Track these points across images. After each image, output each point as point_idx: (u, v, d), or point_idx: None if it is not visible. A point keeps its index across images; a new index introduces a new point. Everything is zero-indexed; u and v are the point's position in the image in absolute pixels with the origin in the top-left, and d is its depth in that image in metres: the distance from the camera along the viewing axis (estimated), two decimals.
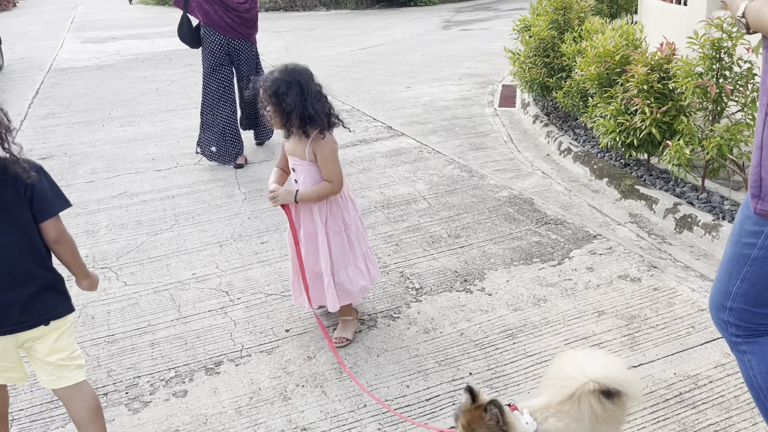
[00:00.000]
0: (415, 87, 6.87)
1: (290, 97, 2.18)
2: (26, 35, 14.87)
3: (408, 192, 3.94)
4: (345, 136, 5.23)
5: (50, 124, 6.22)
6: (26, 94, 7.80)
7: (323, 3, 17.25)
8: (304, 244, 2.36)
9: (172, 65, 9.41)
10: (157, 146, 5.30)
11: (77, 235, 3.63)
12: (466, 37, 10.32)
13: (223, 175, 4.50)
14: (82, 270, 1.82)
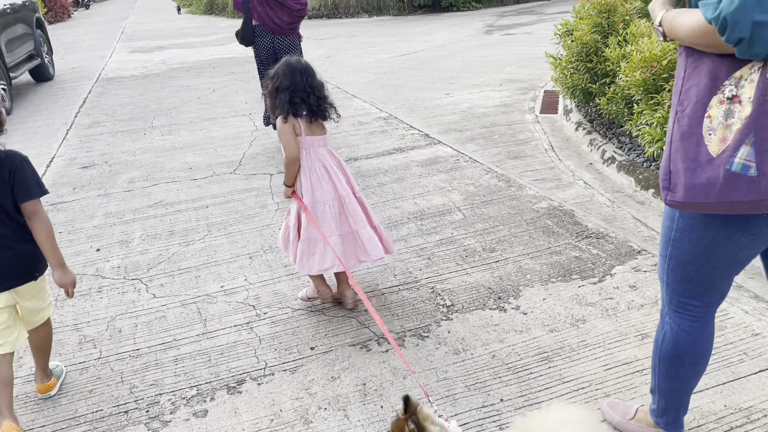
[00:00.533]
0: (454, 93, 6.75)
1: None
2: (78, 45, 15.39)
3: (442, 203, 3.82)
4: (380, 145, 5.16)
5: (94, 133, 6.35)
6: (74, 103, 8.02)
7: (365, 10, 17.28)
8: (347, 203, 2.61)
9: (215, 74, 9.54)
10: (195, 155, 5.34)
11: (112, 244, 3.66)
12: (509, 41, 10.12)
13: (257, 184, 4.48)
14: (56, 256, 2.13)
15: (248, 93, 7.79)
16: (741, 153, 1.25)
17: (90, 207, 4.30)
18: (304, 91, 2.52)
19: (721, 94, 1.28)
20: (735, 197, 1.28)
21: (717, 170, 1.28)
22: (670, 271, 1.58)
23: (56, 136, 6.40)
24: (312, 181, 2.59)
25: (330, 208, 2.59)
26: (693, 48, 1.35)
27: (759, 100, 1.22)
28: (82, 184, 4.80)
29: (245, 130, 5.99)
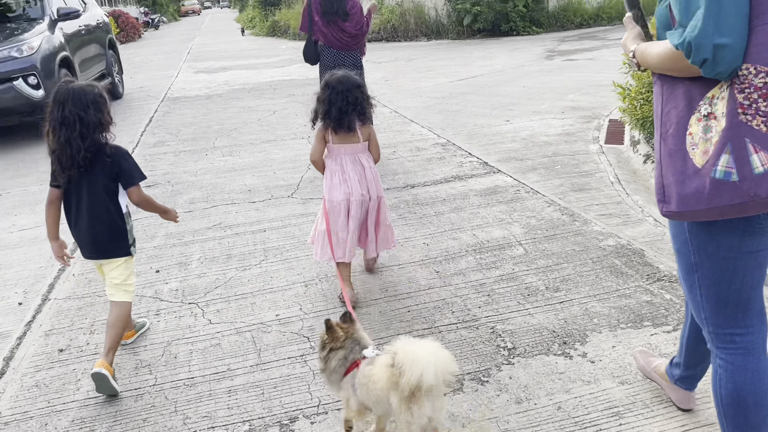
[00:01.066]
0: (514, 120, 6.62)
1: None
2: (147, 65, 16.03)
3: (503, 236, 3.70)
4: (437, 172, 5.08)
5: (158, 152, 6.53)
6: (141, 122, 8.30)
7: (424, 33, 17.37)
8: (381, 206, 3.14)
9: (276, 95, 9.71)
10: (255, 177, 5.39)
11: (171, 266, 3.70)
12: (571, 67, 9.93)
13: (314, 209, 4.47)
14: (160, 210, 2.81)
15: (307, 116, 7.85)
16: (722, 161, 1.36)
17: (151, 227, 4.38)
18: (338, 109, 2.86)
19: (698, 113, 1.43)
20: (723, 202, 1.38)
21: (703, 179, 1.39)
22: (704, 302, 1.61)
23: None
24: (333, 183, 3.01)
25: (343, 207, 2.99)
26: (666, 75, 1.51)
27: (731, 113, 1.35)
28: None
29: (304, 153, 6.03)
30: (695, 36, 1.32)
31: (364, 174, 3.01)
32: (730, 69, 1.34)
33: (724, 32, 1.30)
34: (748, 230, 1.49)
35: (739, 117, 1.34)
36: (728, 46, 1.30)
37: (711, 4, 1.29)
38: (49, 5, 8.28)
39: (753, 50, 1.33)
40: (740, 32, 1.31)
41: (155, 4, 41.12)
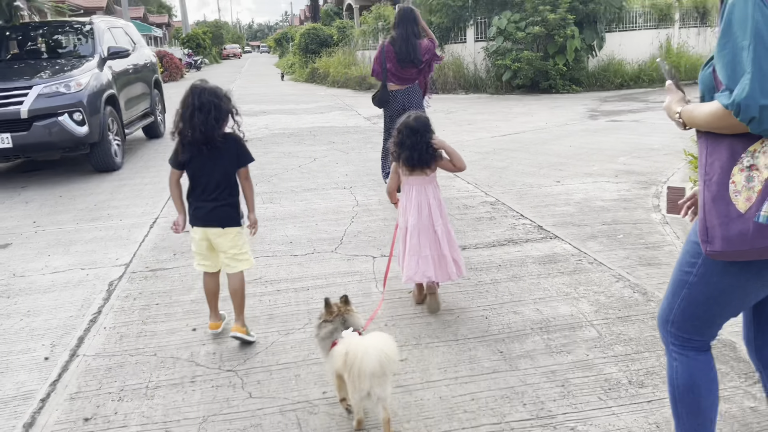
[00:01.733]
0: (565, 181, 6.35)
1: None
2: None
3: (570, 313, 3.38)
4: (489, 234, 4.80)
5: None
6: None
7: (462, 86, 17.38)
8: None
9: (316, 142, 9.62)
10: (296, 228, 5.17)
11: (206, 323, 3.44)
12: (617, 128, 9.68)
13: (359, 267, 4.21)
14: (253, 205, 3.16)
15: (348, 165, 7.71)
16: (765, 207, 1.53)
17: (189, 277, 4.16)
18: (410, 149, 3.29)
19: (740, 164, 1.58)
20: (765, 243, 1.54)
21: (747, 223, 1.55)
22: (679, 311, 1.83)
23: (161, 195, 6.47)
24: (405, 207, 3.44)
25: (410, 231, 3.40)
26: (711, 133, 1.66)
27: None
28: (182, 250, 4.71)
29: (346, 205, 5.82)
30: (744, 97, 1.47)
31: (428, 202, 3.39)
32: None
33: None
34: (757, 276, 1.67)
35: None
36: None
37: (756, 70, 1.46)
38: (100, 43, 8.38)
39: None
40: None
41: (199, 46, 42.38)
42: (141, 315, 3.61)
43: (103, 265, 4.51)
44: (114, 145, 7.88)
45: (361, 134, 10.30)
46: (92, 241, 5.08)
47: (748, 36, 1.49)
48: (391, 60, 5.76)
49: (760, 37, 1.47)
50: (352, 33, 23.08)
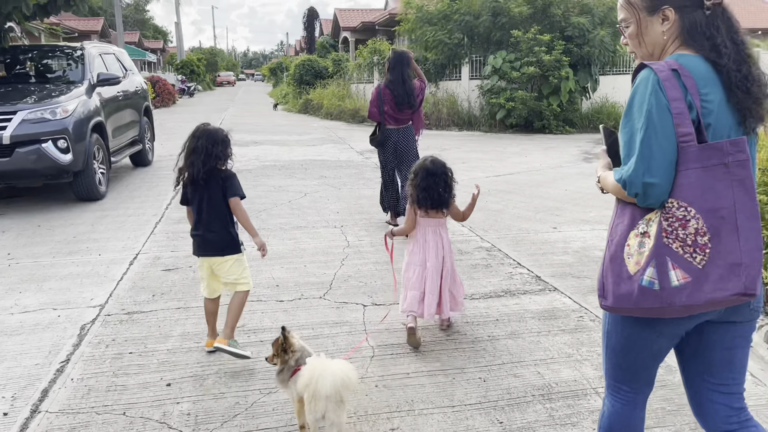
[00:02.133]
0: (562, 228, 6.19)
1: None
2: (179, 132, 16.06)
3: (573, 378, 3.16)
4: (485, 283, 4.61)
5: (182, 230, 6.15)
6: (167, 193, 8.00)
7: (456, 123, 17.39)
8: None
9: (307, 176, 9.44)
10: (283, 269, 4.95)
11: (184, 378, 3.19)
12: None
13: (349, 317, 3.99)
14: (252, 232, 3.33)
15: (340, 201, 7.53)
16: (648, 272, 1.64)
17: (167, 323, 3.91)
18: (429, 191, 3.45)
19: (636, 230, 1.69)
20: (646, 305, 1.66)
21: (633, 284, 1.67)
22: (607, 359, 1.94)
23: (144, 228, 6.23)
24: (413, 248, 3.60)
25: (419, 269, 3.55)
26: (619, 198, 1.79)
27: (658, 235, 1.63)
28: (162, 291, 4.46)
29: (337, 246, 5.61)
30: (629, 175, 1.63)
31: (441, 244, 3.57)
32: (658, 202, 1.63)
33: (654, 174, 1.60)
34: (651, 328, 1.78)
35: (663, 239, 1.63)
36: (656, 185, 1.61)
37: (643, 151, 1.61)
38: (90, 70, 8.21)
39: (677, 189, 1.62)
40: (666, 174, 1.61)
41: (193, 73, 42.49)
42: (112, 365, 3.35)
43: (76, 305, 4.25)
44: (98, 174, 7.65)
45: (354, 169, 10.15)
46: (68, 277, 4.81)
47: (643, 119, 1.63)
48: (389, 103, 5.98)
49: (652, 122, 1.61)
50: (347, 66, 23.18)
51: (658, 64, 1.65)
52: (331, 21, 39.59)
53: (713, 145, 1.60)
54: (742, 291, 1.57)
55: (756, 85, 1.67)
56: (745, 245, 1.59)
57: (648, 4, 1.75)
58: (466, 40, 18.06)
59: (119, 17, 25.93)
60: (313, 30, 46.68)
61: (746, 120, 1.67)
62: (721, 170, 1.59)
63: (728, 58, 1.66)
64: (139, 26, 60.23)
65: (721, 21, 1.69)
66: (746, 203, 1.59)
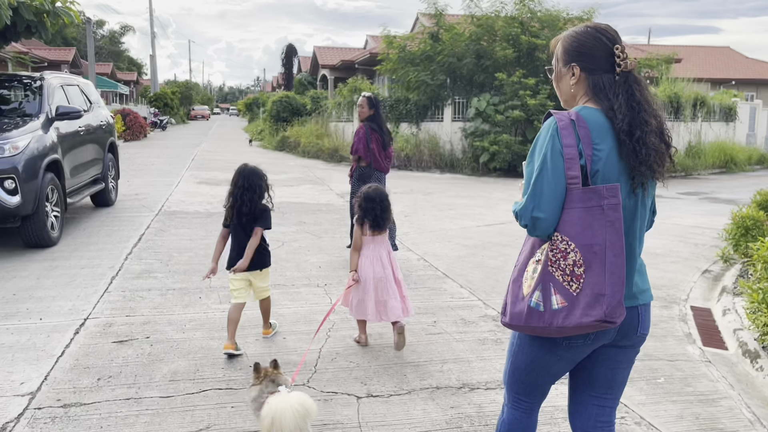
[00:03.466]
0: None
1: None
2: (147, 168, 15.24)
3: None
4: (498, 365, 3.92)
5: (142, 287, 5.35)
6: (128, 239, 7.18)
7: (438, 165, 16.92)
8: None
9: (284, 221, 8.72)
10: (258, 343, 4.19)
11: None
12: None
13: (340, 414, 3.25)
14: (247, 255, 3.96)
15: (321, 253, 6.81)
16: (535, 295, 1.86)
17: (111, 424, 3.10)
18: (374, 213, 4.03)
19: (534, 257, 1.91)
20: (532, 323, 1.87)
21: (524, 305, 1.89)
22: (510, 374, 2.14)
23: (98, 285, 5.41)
24: (364, 263, 4.06)
25: (370, 282, 4.03)
26: None
27: (545, 263, 1.86)
28: (110, 374, 3.66)
29: (320, 310, 4.87)
30: (520, 209, 1.86)
31: (388, 257, 4.13)
32: (545, 234, 1.85)
33: (542, 210, 1.81)
34: (551, 352, 1.97)
35: (549, 268, 1.84)
36: (542, 219, 1.82)
37: (535, 189, 1.82)
38: (48, 102, 7.44)
39: (562, 224, 1.82)
40: (553, 210, 1.82)
41: (166, 106, 41.69)
42: None
43: (1, 392, 3.42)
44: (51, 218, 6.82)
45: (335, 214, 9.47)
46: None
47: (539, 161, 1.82)
48: (375, 143, 6.44)
49: (546, 164, 1.81)
50: (325, 104, 22.69)
51: (561, 114, 1.86)
52: (309, 58, 39.40)
53: (593, 188, 1.80)
54: (602, 318, 1.76)
55: (645, 148, 1.83)
56: (610, 279, 1.76)
57: (564, 58, 1.97)
58: (449, 82, 17.76)
59: (91, 47, 25.21)
60: (291, 66, 46.47)
61: (634, 176, 1.85)
62: (597, 211, 1.78)
63: (621, 121, 1.83)
64: (114, 58, 59.44)
65: (622, 87, 1.87)
66: (615, 242, 1.77)
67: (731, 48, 40.35)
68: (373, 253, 4.07)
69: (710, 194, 13.00)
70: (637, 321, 1.94)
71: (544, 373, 2.02)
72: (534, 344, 1.98)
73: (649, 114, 1.86)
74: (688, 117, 18.90)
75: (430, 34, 17.99)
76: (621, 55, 1.88)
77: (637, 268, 1.94)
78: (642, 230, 1.92)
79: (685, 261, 6.81)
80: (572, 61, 1.93)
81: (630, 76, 1.89)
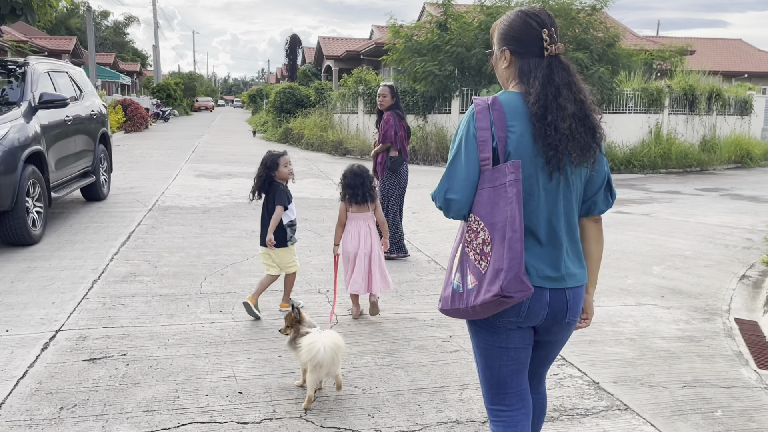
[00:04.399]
0: (601, 300, 5.02)
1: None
2: (146, 160, 14.73)
3: None
4: None
5: (124, 293, 4.83)
6: (116, 237, 6.67)
7: (444, 159, 16.32)
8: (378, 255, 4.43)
9: None
10: (250, 363, 3.67)
11: None
12: (628, 223, 8.54)
13: None
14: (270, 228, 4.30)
15: (324, 253, 6.28)
16: (456, 277, 1.91)
17: None
18: (355, 188, 4.33)
19: (462, 242, 1.92)
20: (455, 305, 1.90)
21: (449, 288, 1.94)
22: (481, 383, 2.09)
23: (77, 290, 4.89)
24: (346, 239, 4.39)
25: (353, 256, 4.37)
26: None
27: (462, 244, 1.91)
28: (75, 401, 3.14)
29: (321, 321, 4.34)
30: (435, 192, 1.91)
31: (369, 233, 4.37)
32: (459, 215, 1.89)
33: (455, 191, 1.86)
34: (493, 330, 1.96)
35: (465, 248, 1.89)
36: (455, 200, 1.86)
37: (449, 172, 1.88)
38: (31, 89, 6.92)
39: (474, 205, 1.86)
40: (465, 192, 1.86)
41: (169, 97, 41.16)
42: None
43: None
44: (33, 214, 6.32)
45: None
46: None
47: (455, 146, 1.90)
48: (404, 131, 6.21)
49: (460, 148, 1.88)
50: (330, 95, 22.12)
51: (479, 100, 1.91)
52: (314, 49, 38.78)
53: (498, 167, 1.82)
54: (499, 293, 1.76)
55: (556, 133, 1.83)
56: (507, 253, 1.77)
57: (498, 42, 1.99)
58: (457, 73, 17.16)
59: (91, 35, 24.68)
60: (295, 57, 45.86)
61: (548, 161, 1.84)
62: (502, 189, 1.80)
63: (533, 104, 1.85)
64: (118, 49, 58.87)
65: (544, 71, 1.88)
66: (514, 218, 1.78)
67: (743, 41, 39.59)
68: (354, 228, 4.36)
69: (730, 191, 12.41)
70: (566, 306, 1.92)
71: (498, 365, 2.01)
72: (479, 339, 2.02)
73: (567, 99, 1.85)
74: (703, 110, 18.26)
75: (438, 24, 17.39)
76: (548, 39, 1.89)
77: (567, 250, 1.91)
78: (569, 213, 1.90)
79: (719, 265, 6.26)
80: (504, 45, 1.95)
81: (555, 60, 1.89)
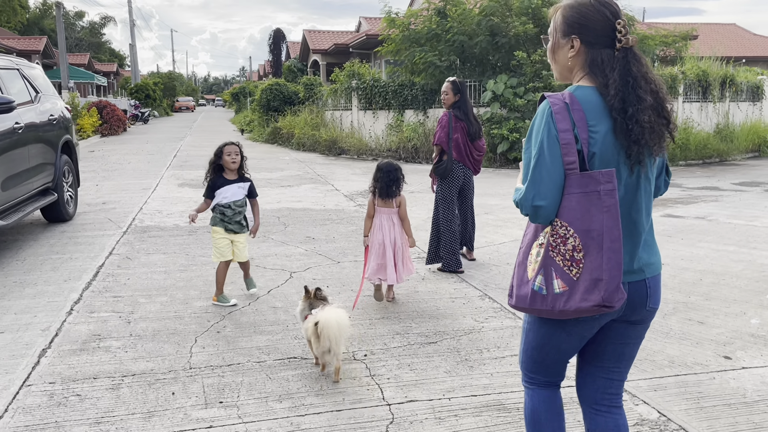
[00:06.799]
0: (735, 354, 3.72)
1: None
2: (122, 168, 13.25)
3: None
4: None
5: (83, 375, 3.44)
6: (80, 276, 5.26)
7: None
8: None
9: (288, 237, 6.80)
10: None
11: None
12: (689, 231, 7.27)
13: None
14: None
15: (345, 289, 4.93)
16: (538, 279, 1.87)
17: None
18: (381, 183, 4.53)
19: (538, 241, 1.89)
20: (536, 306, 1.88)
21: (528, 288, 1.89)
22: (524, 354, 2.12)
23: (15, 372, 3.49)
24: (375, 231, 4.58)
25: (378, 246, 4.53)
26: None
27: (546, 248, 1.85)
28: None
29: (363, 418, 3.00)
30: (521, 199, 1.85)
31: (393, 227, 4.58)
32: (547, 221, 1.84)
33: (542, 197, 1.80)
34: (561, 329, 1.96)
35: (550, 252, 1.84)
36: (543, 207, 1.81)
37: (534, 177, 1.81)
38: None
39: (561, 210, 1.82)
40: (553, 198, 1.80)
41: (148, 97, 39.42)
42: None
43: None
44: None
45: (349, 224, 7.57)
46: None
47: (536, 148, 1.81)
48: (460, 132, 5.59)
49: (543, 151, 1.79)
50: (320, 91, 20.70)
51: (554, 97, 1.82)
52: (299, 44, 37.16)
53: (590, 174, 1.78)
54: (600, 303, 1.77)
55: (638, 126, 1.79)
56: (607, 264, 1.76)
57: (563, 29, 1.90)
58: (459, 63, 15.85)
59: (61, 33, 23.02)
60: (279, 53, 44.19)
61: (629, 155, 1.81)
62: (595, 197, 1.77)
63: (614, 97, 1.79)
64: (95, 49, 56.79)
65: (620, 63, 1.81)
66: (612, 228, 1.77)
67: (737, 25, 38.72)
68: (378, 222, 4.56)
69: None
70: (646, 295, 1.92)
71: (555, 350, 2.03)
72: (542, 321, 2.00)
73: (645, 91, 1.82)
74: (716, 97, 17.15)
75: (437, 10, 16.04)
76: (622, 31, 1.83)
77: (643, 242, 1.90)
78: (648, 203, 1.90)
79: None
80: (572, 32, 1.88)
81: (630, 52, 1.84)
